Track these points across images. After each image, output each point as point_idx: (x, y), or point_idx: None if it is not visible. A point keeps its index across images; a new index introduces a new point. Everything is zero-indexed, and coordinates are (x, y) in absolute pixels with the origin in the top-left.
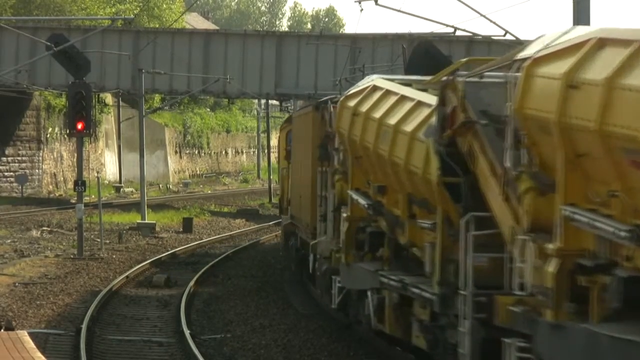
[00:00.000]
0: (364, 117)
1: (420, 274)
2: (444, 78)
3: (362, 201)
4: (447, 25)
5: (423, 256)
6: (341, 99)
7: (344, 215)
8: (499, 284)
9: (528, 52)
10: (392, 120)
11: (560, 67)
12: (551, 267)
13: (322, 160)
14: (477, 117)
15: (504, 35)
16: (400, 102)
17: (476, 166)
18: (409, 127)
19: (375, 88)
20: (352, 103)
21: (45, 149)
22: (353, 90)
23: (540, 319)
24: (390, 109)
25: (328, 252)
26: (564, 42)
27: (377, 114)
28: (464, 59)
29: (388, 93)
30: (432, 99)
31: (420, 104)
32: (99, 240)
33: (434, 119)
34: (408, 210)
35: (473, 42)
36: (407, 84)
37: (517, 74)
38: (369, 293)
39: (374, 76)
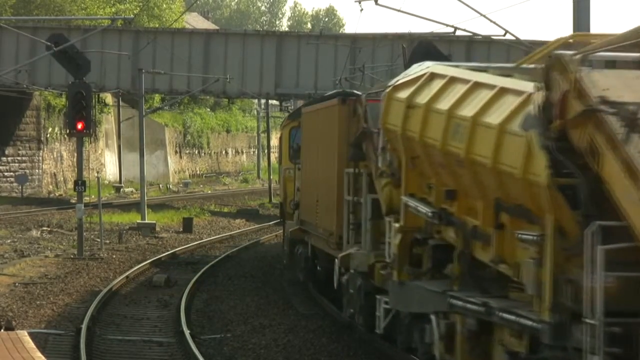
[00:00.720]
0: (424, 110)
1: (502, 295)
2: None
3: (423, 209)
4: (447, 25)
5: (516, 274)
6: (388, 90)
7: (396, 225)
8: (632, 310)
9: None
10: (468, 112)
11: None
12: None
13: (354, 160)
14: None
15: (504, 35)
16: (474, 91)
17: (602, 165)
18: (495, 118)
19: (433, 76)
20: (404, 94)
21: (45, 149)
22: (402, 79)
23: None
24: (462, 99)
25: (365, 266)
26: None
27: (444, 106)
28: (567, 35)
29: (454, 81)
30: (521, 85)
31: (504, 91)
32: (99, 240)
33: (531, 108)
34: (495, 219)
35: (473, 42)
36: (482, 69)
37: None
38: (432, 317)
39: (428, 63)
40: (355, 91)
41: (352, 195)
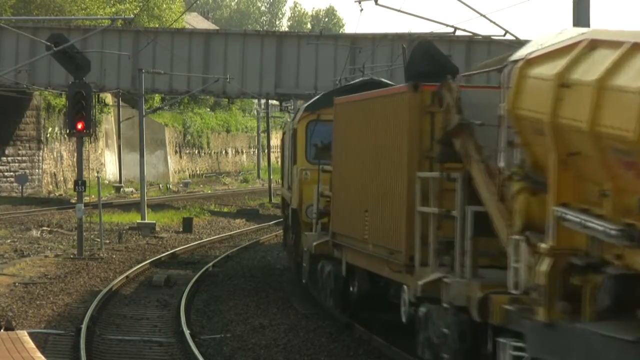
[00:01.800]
0: (594, 89)
1: None
2: None
3: (598, 225)
4: (447, 25)
5: None
6: (518, 64)
7: (543, 246)
8: None
9: None
10: None
11: None
12: None
13: (444, 162)
14: None
15: (504, 35)
16: None
17: None
18: None
19: (596, 44)
20: (551, 70)
21: (45, 149)
22: (538, 51)
23: None
24: None
25: (464, 298)
26: None
27: (633, 82)
28: None
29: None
30: None
31: None
32: (99, 240)
33: None
34: None
35: (473, 42)
36: None
37: None
38: None
39: (578, 29)
40: (383, 79)
41: (440, 206)
